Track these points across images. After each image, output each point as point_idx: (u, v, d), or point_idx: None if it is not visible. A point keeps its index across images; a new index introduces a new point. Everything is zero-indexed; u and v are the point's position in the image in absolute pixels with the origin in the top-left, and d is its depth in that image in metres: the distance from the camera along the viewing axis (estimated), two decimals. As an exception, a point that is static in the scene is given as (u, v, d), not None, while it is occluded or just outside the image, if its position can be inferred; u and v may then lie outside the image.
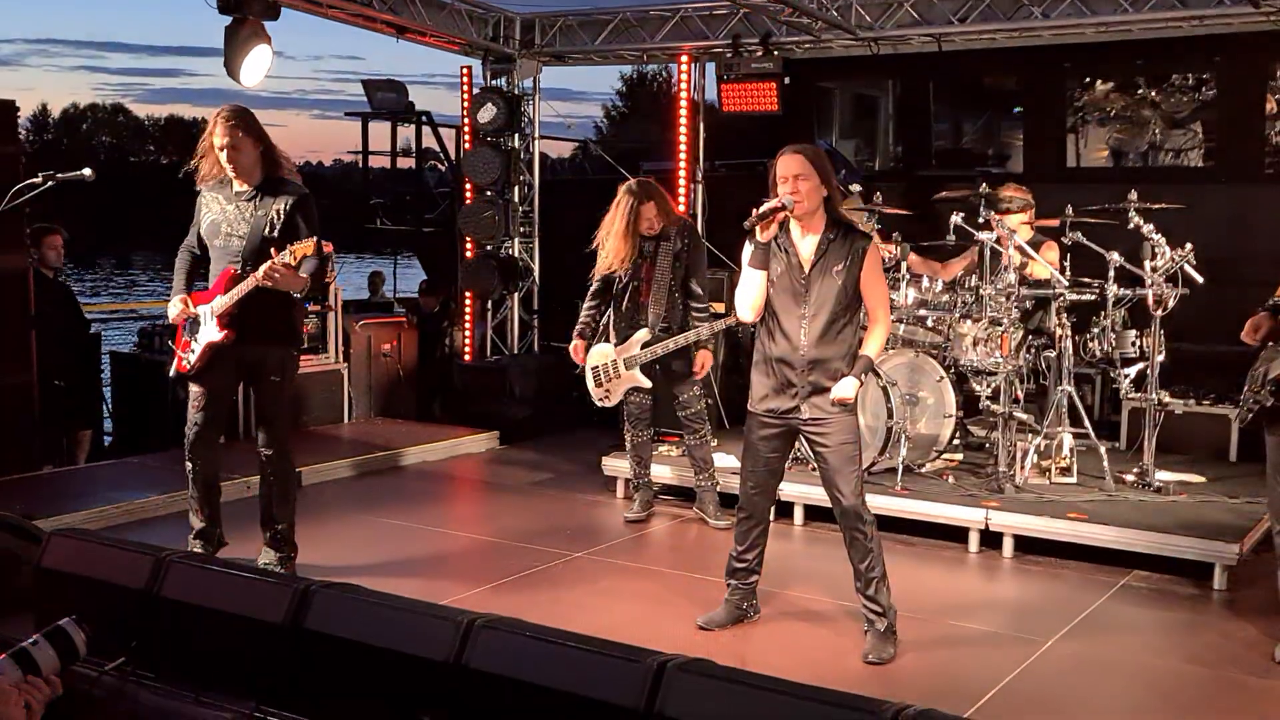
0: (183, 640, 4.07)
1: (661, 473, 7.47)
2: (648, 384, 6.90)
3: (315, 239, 5.37)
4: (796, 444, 5.77)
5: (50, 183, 5.08)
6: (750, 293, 4.92)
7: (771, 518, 5.34)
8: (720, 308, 9.32)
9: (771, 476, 5.17)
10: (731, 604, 5.33)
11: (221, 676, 3.90)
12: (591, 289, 6.98)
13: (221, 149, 5.55)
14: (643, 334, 6.82)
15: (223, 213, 5.65)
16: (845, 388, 4.83)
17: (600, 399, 7.04)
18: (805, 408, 4.88)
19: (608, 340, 7.06)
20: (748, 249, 4.91)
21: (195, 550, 5.77)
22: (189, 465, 5.82)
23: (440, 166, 15.96)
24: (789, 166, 4.82)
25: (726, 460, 7.18)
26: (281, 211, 5.54)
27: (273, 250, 5.42)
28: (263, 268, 5.35)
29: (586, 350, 7.00)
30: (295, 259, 5.24)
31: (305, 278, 5.34)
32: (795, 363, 4.87)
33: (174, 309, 5.75)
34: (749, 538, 5.24)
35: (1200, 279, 6.78)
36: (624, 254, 6.70)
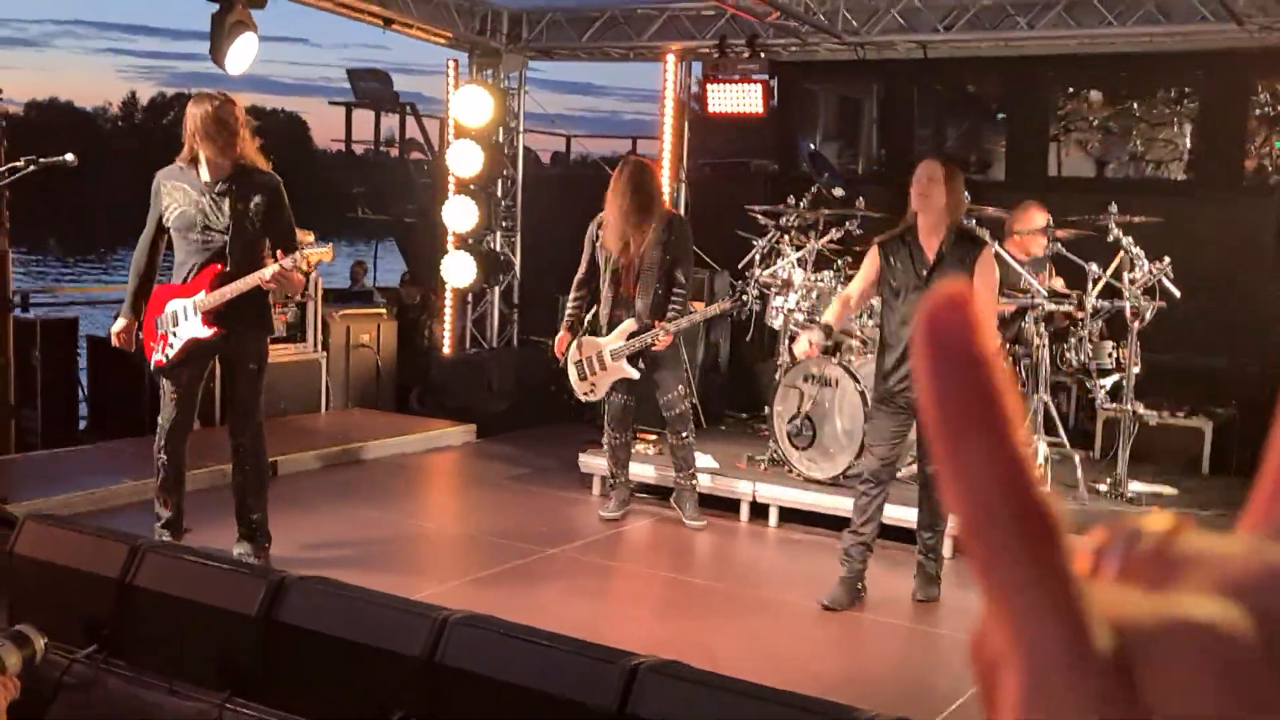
0: (156, 629, 4.07)
1: (640, 471, 7.44)
2: (635, 374, 6.75)
3: (330, 245, 5.36)
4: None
5: (32, 166, 5.08)
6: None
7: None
8: (699, 306, 9.33)
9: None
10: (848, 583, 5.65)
11: (194, 666, 3.91)
12: (577, 278, 6.87)
13: (195, 135, 5.44)
14: (629, 324, 6.72)
15: (195, 204, 5.51)
16: None
17: (585, 393, 6.94)
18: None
19: (592, 332, 7.04)
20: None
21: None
22: (161, 457, 5.78)
23: (422, 156, 15.97)
24: (926, 170, 5.68)
25: (704, 460, 7.19)
26: (260, 203, 5.49)
27: (264, 246, 5.42)
28: (269, 271, 5.31)
29: (570, 344, 6.91)
30: (309, 265, 5.19)
31: (304, 278, 5.32)
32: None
33: (118, 326, 5.71)
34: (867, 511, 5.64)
35: (1177, 293, 6.83)
36: (617, 232, 6.61)
